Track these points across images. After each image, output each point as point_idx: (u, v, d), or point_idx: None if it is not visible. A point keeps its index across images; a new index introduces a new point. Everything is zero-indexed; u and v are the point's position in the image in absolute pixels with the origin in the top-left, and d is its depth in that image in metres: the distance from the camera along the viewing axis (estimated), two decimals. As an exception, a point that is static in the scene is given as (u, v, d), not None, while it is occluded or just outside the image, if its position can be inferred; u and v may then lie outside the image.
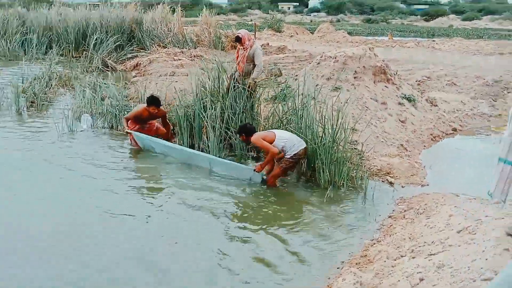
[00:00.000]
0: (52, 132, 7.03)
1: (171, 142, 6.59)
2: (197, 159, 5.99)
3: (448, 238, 3.68)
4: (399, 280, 3.28)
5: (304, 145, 5.39)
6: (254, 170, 5.50)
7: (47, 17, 14.64)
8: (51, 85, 9.45)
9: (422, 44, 20.79)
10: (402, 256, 3.75)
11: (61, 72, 10.49)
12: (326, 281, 3.67)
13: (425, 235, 3.99)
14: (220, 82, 6.70)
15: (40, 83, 9.22)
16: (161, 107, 6.59)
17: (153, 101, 6.38)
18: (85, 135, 7.08)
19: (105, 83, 9.38)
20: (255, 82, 6.84)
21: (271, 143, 5.29)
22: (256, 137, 5.38)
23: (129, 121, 6.46)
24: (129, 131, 6.39)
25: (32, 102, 8.60)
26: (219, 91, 6.66)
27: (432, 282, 3.05)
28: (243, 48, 6.75)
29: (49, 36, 14.29)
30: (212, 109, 6.47)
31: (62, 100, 9.05)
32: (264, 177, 5.51)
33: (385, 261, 3.65)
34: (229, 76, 7.33)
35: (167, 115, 6.75)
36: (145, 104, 6.43)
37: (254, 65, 6.75)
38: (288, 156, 5.33)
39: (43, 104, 8.58)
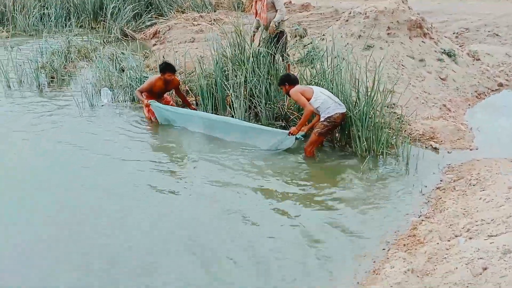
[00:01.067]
0: (73, 108, 6.73)
1: None
2: (222, 126, 5.51)
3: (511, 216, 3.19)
4: (456, 268, 2.84)
5: (342, 109, 4.88)
6: (289, 133, 5.01)
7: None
8: (71, 58, 9.11)
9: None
10: (456, 236, 3.29)
11: (80, 44, 10.12)
12: (371, 265, 3.27)
13: (481, 210, 3.50)
14: (240, 48, 6.15)
15: (59, 57, 8.89)
16: (176, 76, 6.15)
17: (168, 67, 5.91)
18: (106, 110, 6.74)
19: (123, 54, 8.99)
20: (277, 26, 6.45)
21: (308, 100, 4.84)
22: (295, 90, 4.95)
23: (143, 94, 6.04)
24: (148, 101, 5.94)
25: (52, 78, 8.30)
26: (240, 57, 6.13)
27: (500, 273, 2.59)
28: None
29: (67, 8, 13.86)
30: (234, 77, 6.00)
31: (82, 73, 8.68)
32: (300, 137, 5.07)
33: (437, 243, 3.20)
34: (252, 36, 6.88)
35: (187, 86, 6.31)
36: (158, 75, 5.99)
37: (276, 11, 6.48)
38: (322, 119, 4.86)
39: (63, 79, 8.27)
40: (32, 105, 6.96)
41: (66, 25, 12.54)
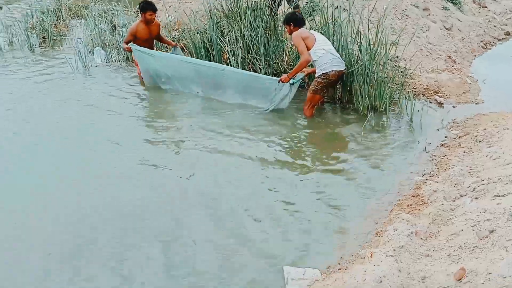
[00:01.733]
0: (66, 69, 6.50)
1: None
2: (214, 78, 5.21)
3: (519, 174, 3.06)
4: (462, 230, 2.74)
5: (340, 67, 4.57)
6: (279, 81, 4.75)
7: None
8: (62, 17, 8.75)
9: None
10: (461, 196, 3.18)
11: (70, 1, 9.70)
12: (373, 226, 3.19)
13: (487, 168, 3.37)
14: (236, 0, 5.80)
15: (49, 16, 8.52)
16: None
17: (147, 4, 5.53)
18: (99, 70, 6.50)
19: (116, 10, 8.62)
20: None
21: (308, 49, 4.54)
22: (298, 33, 4.58)
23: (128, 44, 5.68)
24: (128, 45, 5.54)
25: (43, 38, 7.99)
26: (237, 11, 5.80)
27: (507, 235, 2.49)
28: None
29: (56, -38, 13.24)
30: (230, 33, 5.71)
31: (74, 33, 8.37)
32: (296, 82, 4.77)
33: (442, 204, 3.09)
34: None
35: (183, 43, 6.03)
36: (137, 21, 5.67)
37: None
38: (317, 75, 4.59)
39: (55, 39, 7.97)
40: (24, 67, 6.71)
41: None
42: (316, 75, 4.58)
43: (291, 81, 4.74)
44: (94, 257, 2.92)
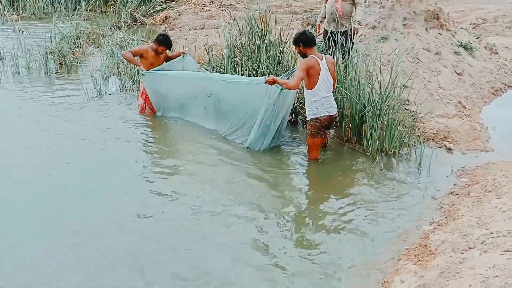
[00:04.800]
0: (81, 96, 6.60)
1: None
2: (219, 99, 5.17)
3: (530, 229, 3.02)
4: (470, 285, 2.69)
5: (332, 112, 4.49)
6: (265, 82, 4.52)
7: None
8: (80, 44, 8.97)
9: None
10: (470, 248, 3.14)
11: (89, 29, 9.96)
12: (380, 276, 3.14)
13: (497, 221, 3.33)
14: (252, 36, 5.92)
15: (68, 43, 8.75)
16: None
17: (166, 40, 5.71)
18: (113, 99, 6.61)
19: (132, 40, 8.83)
20: (360, 24, 5.97)
21: (312, 85, 4.37)
22: (305, 62, 4.34)
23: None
24: (142, 69, 5.66)
25: (60, 64, 8.18)
26: (251, 47, 5.90)
27: (518, 294, 2.44)
28: None
29: (78, -9, 13.67)
30: (244, 68, 5.82)
31: (91, 60, 8.56)
32: (281, 88, 4.54)
33: (451, 256, 3.05)
34: (317, 27, 6.46)
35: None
36: (150, 44, 5.83)
37: (353, 4, 5.93)
38: (308, 118, 4.53)
39: (71, 66, 8.14)
40: (40, 92, 6.85)
41: (76, 9, 12.39)
42: (308, 118, 4.55)
43: (279, 87, 4.54)
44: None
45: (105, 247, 3.36)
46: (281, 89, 4.59)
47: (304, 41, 4.43)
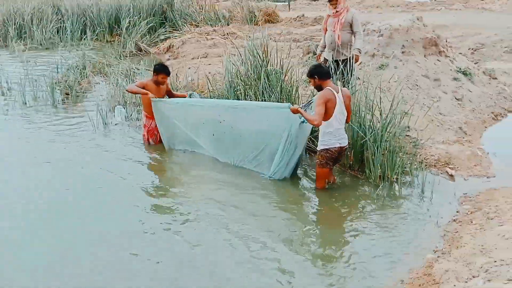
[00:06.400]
0: (87, 126, 6.71)
1: None
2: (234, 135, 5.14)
3: (533, 257, 3.04)
4: (475, 315, 2.70)
5: (343, 143, 4.55)
6: (291, 109, 4.53)
7: (79, 3, 14.32)
8: (85, 74, 9.15)
9: (471, 4, 19.02)
10: (474, 277, 3.15)
11: (95, 59, 10.19)
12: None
13: (500, 248, 3.35)
14: (253, 66, 6.05)
15: (74, 73, 8.94)
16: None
17: (162, 67, 5.76)
18: (119, 128, 6.72)
19: (138, 69, 9.00)
20: (360, 52, 6.10)
21: (328, 117, 4.38)
22: (323, 96, 4.37)
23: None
24: (150, 95, 5.59)
25: (66, 94, 8.34)
26: (252, 76, 6.02)
27: (522, 325, 2.45)
28: (336, 12, 5.95)
29: (83, 22, 14.02)
30: (247, 97, 5.92)
31: (97, 89, 8.72)
32: (303, 121, 4.63)
33: (454, 285, 3.06)
34: (317, 56, 6.53)
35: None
36: (150, 77, 5.89)
37: (351, 33, 6.02)
38: (319, 148, 4.56)
39: (77, 96, 8.30)
40: (46, 122, 6.98)
41: (82, 39, 12.70)
42: (319, 148, 4.58)
43: (302, 118, 4.60)
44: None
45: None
46: (303, 121, 4.67)
47: (320, 74, 4.47)
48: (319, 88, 4.55)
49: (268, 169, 4.93)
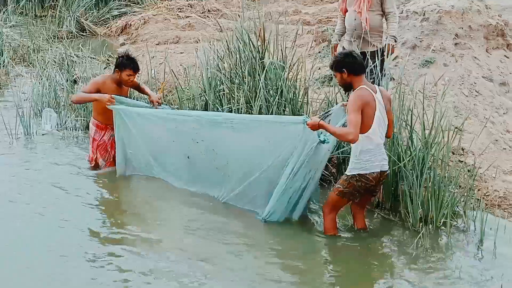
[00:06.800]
0: (0, 137, 6.72)
1: None
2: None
3: None
4: None
5: (385, 167, 4.53)
6: (306, 123, 4.49)
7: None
8: (1, 62, 9.18)
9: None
10: None
11: (16, 41, 10.24)
12: None
13: None
14: (243, 58, 6.09)
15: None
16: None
17: (130, 61, 5.65)
18: (47, 141, 6.72)
19: (78, 56, 9.03)
20: (396, 40, 6.18)
21: (366, 128, 4.32)
22: (357, 97, 4.33)
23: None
24: (112, 107, 5.53)
25: (-24, 90, 8.39)
26: (241, 73, 6.06)
27: None
28: None
29: (4, -12, 14.14)
30: (232, 99, 5.95)
31: (18, 85, 8.72)
32: (324, 139, 4.60)
33: None
34: (333, 47, 6.56)
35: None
36: (108, 73, 5.97)
37: (382, 15, 6.11)
38: (350, 173, 4.46)
39: (-11, 93, 8.35)
40: None
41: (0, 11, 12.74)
42: (349, 172, 4.50)
43: (321, 137, 4.59)
44: None
45: None
46: (324, 140, 4.63)
47: (351, 66, 4.43)
48: (347, 87, 4.57)
49: (264, 207, 4.93)
